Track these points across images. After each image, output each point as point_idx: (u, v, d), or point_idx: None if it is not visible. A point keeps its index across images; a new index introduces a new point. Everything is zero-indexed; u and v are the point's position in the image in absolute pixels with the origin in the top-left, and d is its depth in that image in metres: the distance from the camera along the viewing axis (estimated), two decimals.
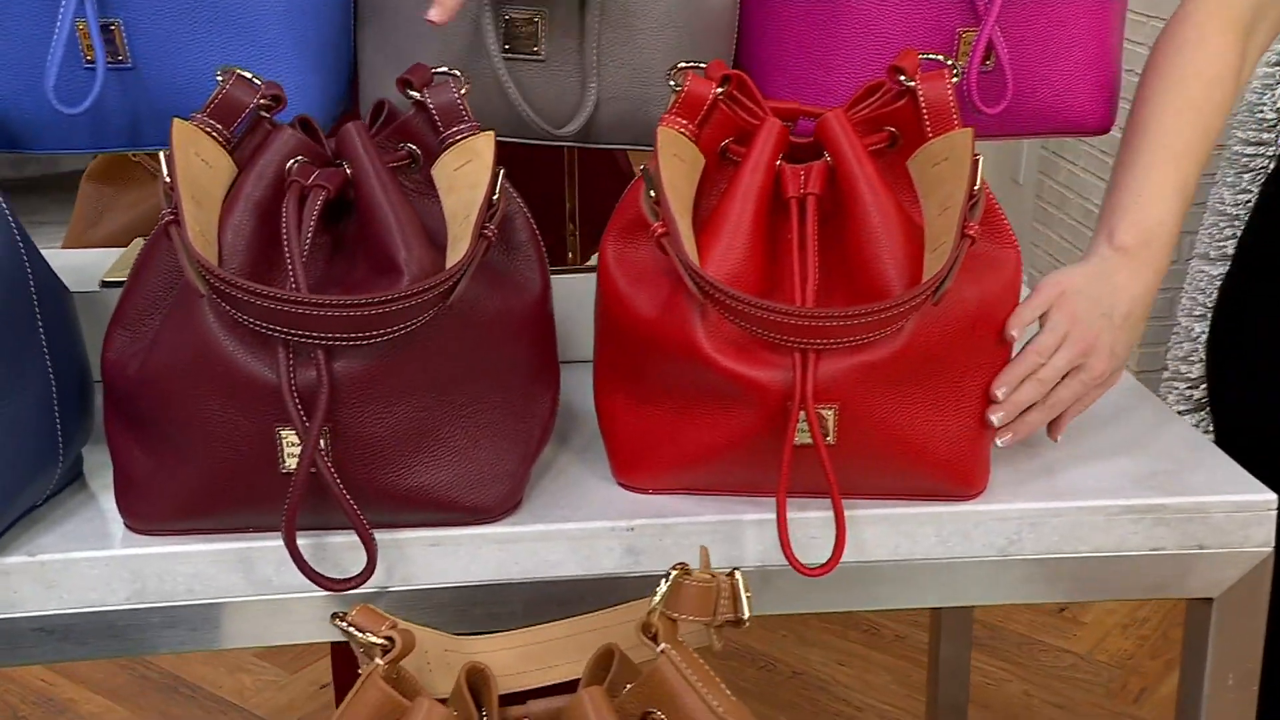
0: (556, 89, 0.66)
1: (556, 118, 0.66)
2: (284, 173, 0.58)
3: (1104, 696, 1.53)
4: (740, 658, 1.61)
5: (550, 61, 0.66)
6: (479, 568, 0.61)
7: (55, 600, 0.58)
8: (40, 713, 1.39)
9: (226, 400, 0.55)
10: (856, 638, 1.60)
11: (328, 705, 1.47)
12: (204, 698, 1.45)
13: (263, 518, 0.58)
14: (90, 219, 0.98)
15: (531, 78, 0.65)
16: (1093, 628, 1.69)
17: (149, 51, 0.63)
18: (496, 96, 0.63)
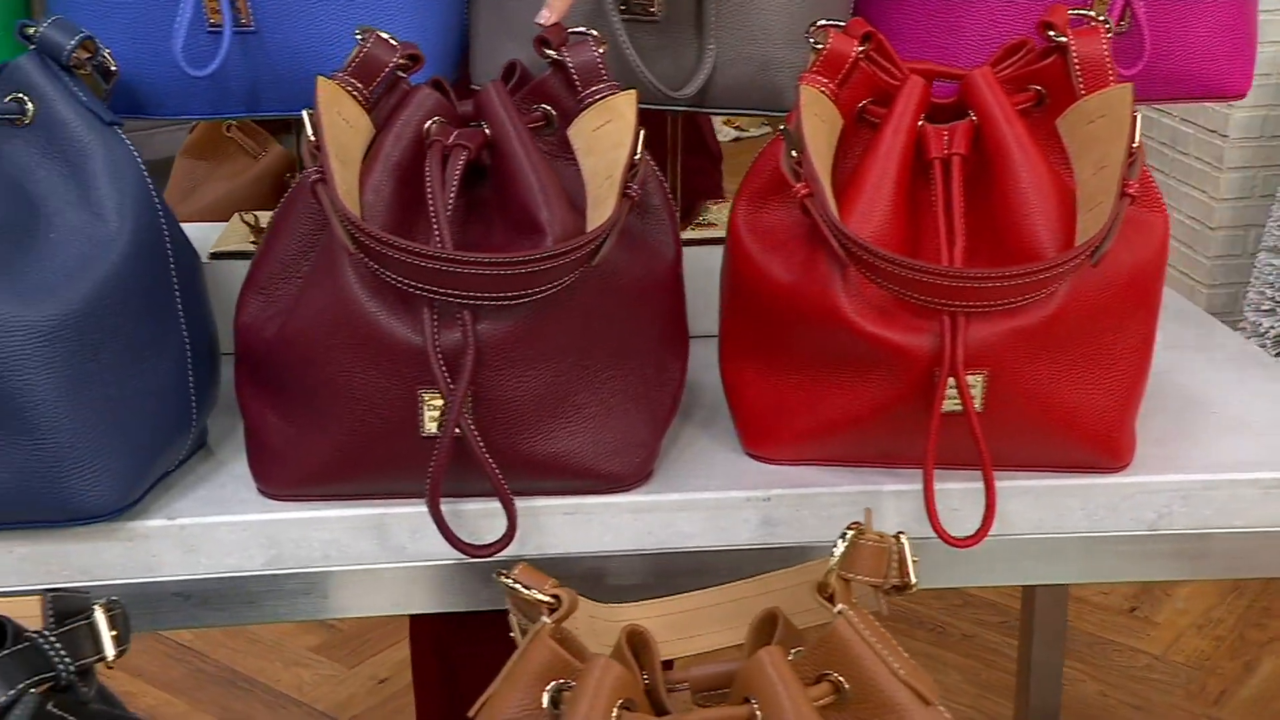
0: (672, 51, 0.65)
1: (671, 81, 0.65)
2: (422, 133, 0.57)
3: (1183, 698, 1.50)
4: None
5: (666, 22, 0.65)
6: (612, 537, 0.60)
7: (194, 565, 0.57)
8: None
9: (368, 363, 0.54)
10: (924, 636, 1.58)
11: (386, 700, 1.46)
12: (262, 691, 1.44)
13: (399, 483, 0.58)
14: (183, 194, 0.98)
15: (646, 39, 0.64)
16: (1166, 628, 1.65)
17: (271, 14, 0.62)
18: (613, 59, 0.62)
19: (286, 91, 0.64)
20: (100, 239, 0.55)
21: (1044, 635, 1.11)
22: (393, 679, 1.54)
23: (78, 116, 0.56)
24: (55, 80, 0.56)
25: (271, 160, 0.95)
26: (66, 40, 0.56)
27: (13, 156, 0.55)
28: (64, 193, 0.55)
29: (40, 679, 0.40)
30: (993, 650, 1.52)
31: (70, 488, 0.53)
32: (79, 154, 0.56)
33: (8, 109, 0.55)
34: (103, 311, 0.54)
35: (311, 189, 0.54)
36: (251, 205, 0.90)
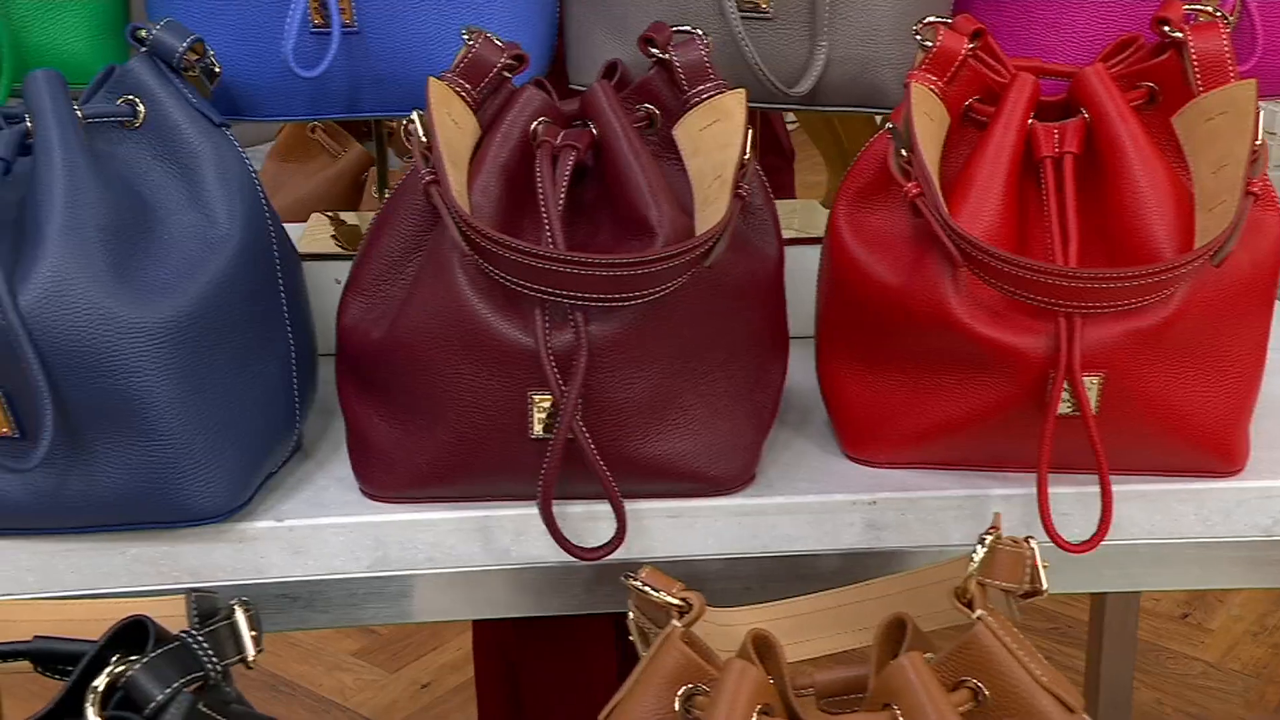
0: (781, 48, 0.64)
1: (782, 78, 0.64)
2: (529, 134, 0.57)
3: (1241, 706, 1.47)
4: None
5: (778, 19, 0.64)
6: (715, 540, 0.59)
7: (300, 567, 0.57)
8: None
9: (478, 364, 0.54)
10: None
11: (428, 706, 1.46)
12: (304, 695, 1.45)
13: (504, 485, 0.57)
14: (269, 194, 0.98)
15: (756, 36, 0.64)
16: (1220, 635, 1.62)
17: (374, 15, 0.62)
18: (725, 57, 0.62)
19: (386, 92, 0.64)
20: (212, 240, 0.55)
21: (1114, 646, 1.09)
22: (434, 684, 1.54)
23: (188, 119, 0.56)
24: (166, 83, 0.56)
25: (350, 161, 0.95)
26: (178, 43, 0.56)
27: (125, 158, 0.55)
28: (175, 194, 0.56)
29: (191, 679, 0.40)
30: (1044, 656, 1.51)
31: (185, 490, 0.53)
32: (190, 156, 0.56)
33: (120, 112, 0.55)
34: (215, 313, 0.54)
35: (425, 190, 0.54)
36: (327, 205, 0.91)
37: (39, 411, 0.50)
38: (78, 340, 0.50)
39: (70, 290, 0.50)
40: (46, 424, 0.49)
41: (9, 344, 0.49)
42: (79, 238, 0.51)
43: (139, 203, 0.55)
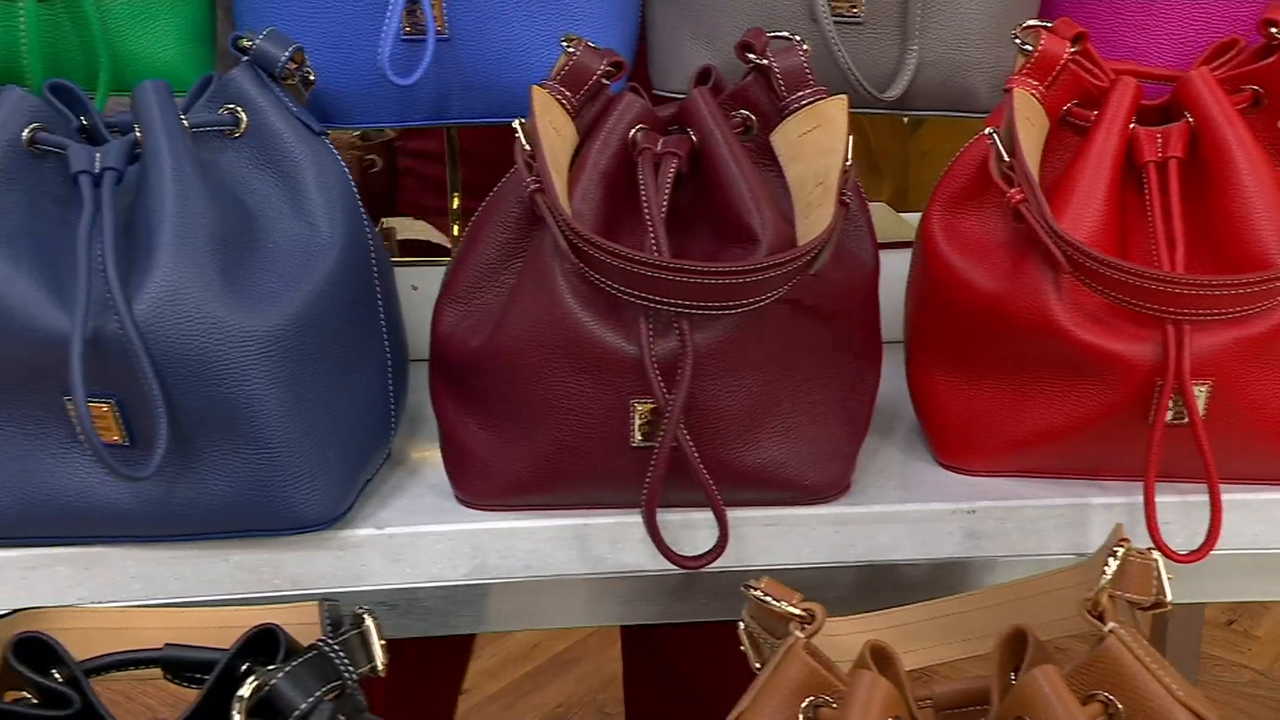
0: (872, 53, 0.64)
1: (873, 83, 0.64)
2: (627, 141, 0.57)
3: None
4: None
5: (869, 24, 0.64)
6: (811, 549, 0.59)
7: (400, 574, 0.57)
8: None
9: (580, 372, 0.54)
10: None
11: (465, 715, 1.45)
12: None
13: (602, 493, 0.57)
14: None
15: (846, 41, 0.64)
16: (1268, 642, 1.60)
17: (465, 23, 0.62)
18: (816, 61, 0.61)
19: (474, 99, 0.64)
20: (314, 248, 0.55)
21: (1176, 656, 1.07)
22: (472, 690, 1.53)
23: (289, 127, 0.56)
24: (267, 92, 0.56)
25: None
26: (280, 52, 0.56)
27: (227, 167, 0.56)
28: (277, 203, 0.56)
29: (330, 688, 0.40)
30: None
31: (290, 498, 0.53)
32: (291, 164, 0.56)
33: (223, 121, 0.56)
34: (319, 321, 0.54)
35: (529, 198, 0.54)
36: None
37: (153, 420, 0.50)
38: (190, 349, 0.51)
39: (183, 299, 0.50)
40: (161, 432, 0.50)
41: (124, 352, 0.50)
42: (190, 247, 0.51)
43: (243, 211, 0.55)
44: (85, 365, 0.48)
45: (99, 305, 0.50)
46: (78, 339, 0.48)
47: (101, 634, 0.46)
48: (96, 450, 0.49)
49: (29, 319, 0.50)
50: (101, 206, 0.50)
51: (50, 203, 0.53)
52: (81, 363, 0.48)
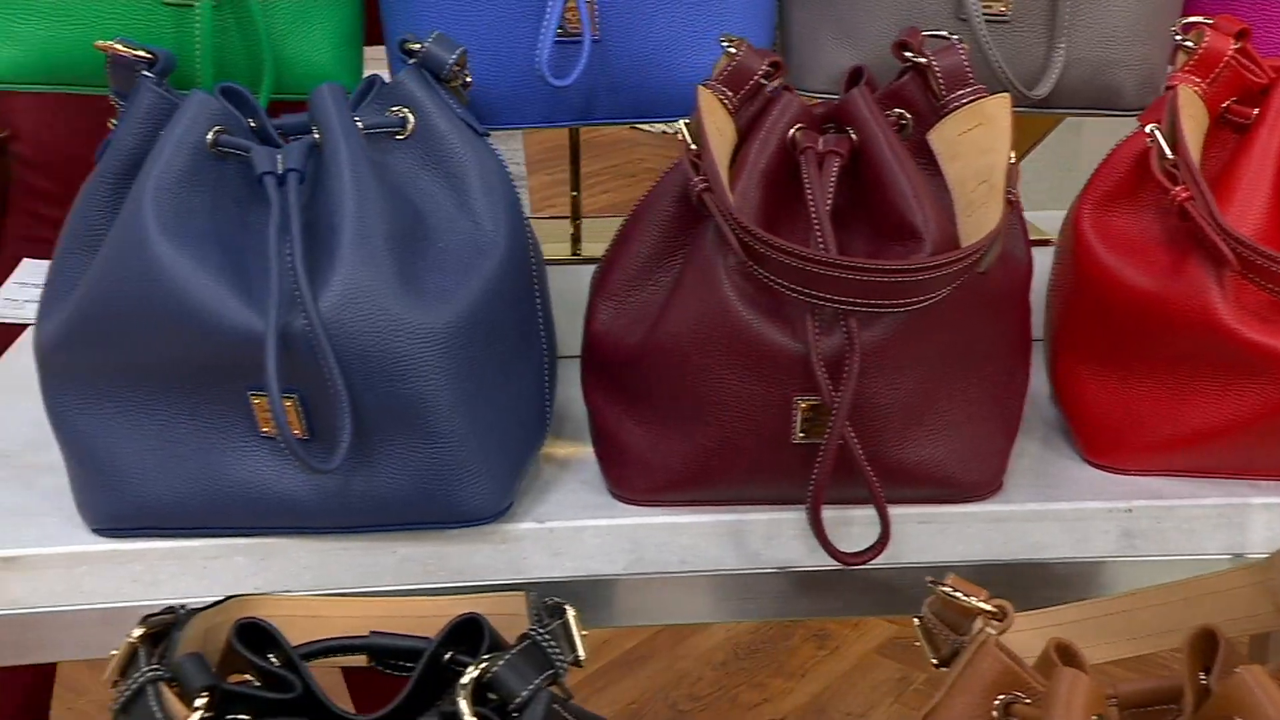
0: (1017, 51, 0.64)
1: (1021, 82, 0.64)
2: (786, 140, 0.57)
3: None
4: None
5: (1016, 22, 0.64)
6: (966, 547, 0.59)
7: (559, 567, 0.58)
8: None
9: (744, 370, 0.55)
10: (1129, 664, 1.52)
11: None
12: None
13: (758, 489, 0.58)
14: None
15: (992, 38, 0.63)
16: None
17: (616, 23, 0.63)
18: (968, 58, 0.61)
19: (621, 99, 0.65)
20: (480, 246, 0.56)
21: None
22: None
23: (454, 129, 0.57)
24: (434, 94, 0.57)
25: None
26: (448, 55, 0.57)
27: (395, 168, 0.57)
28: (443, 202, 0.57)
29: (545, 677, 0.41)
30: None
31: (461, 492, 0.55)
32: (456, 164, 0.57)
33: (391, 122, 0.57)
34: (486, 318, 0.55)
35: (698, 197, 0.54)
36: None
37: (336, 415, 0.51)
38: (369, 345, 0.52)
39: (364, 297, 0.52)
40: (345, 426, 0.51)
41: (309, 349, 0.51)
42: (369, 246, 0.52)
43: (414, 211, 0.56)
44: (280, 363, 0.50)
45: (286, 303, 0.51)
46: (272, 337, 0.50)
47: (301, 621, 0.47)
48: (289, 444, 0.50)
49: (218, 317, 0.51)
50: (289, 207, 0.52)
51: (231, 203, 0.55)
52: (276, 360, 0.50)
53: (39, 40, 0.58)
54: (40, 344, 0.55)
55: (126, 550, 0.55)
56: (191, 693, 0.39)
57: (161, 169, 0.52)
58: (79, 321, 0.54)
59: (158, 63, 0.54)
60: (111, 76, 0.55)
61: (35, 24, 0.57)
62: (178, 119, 0.54)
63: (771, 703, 1.54)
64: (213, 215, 0.54)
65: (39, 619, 0.55)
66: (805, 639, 1.67)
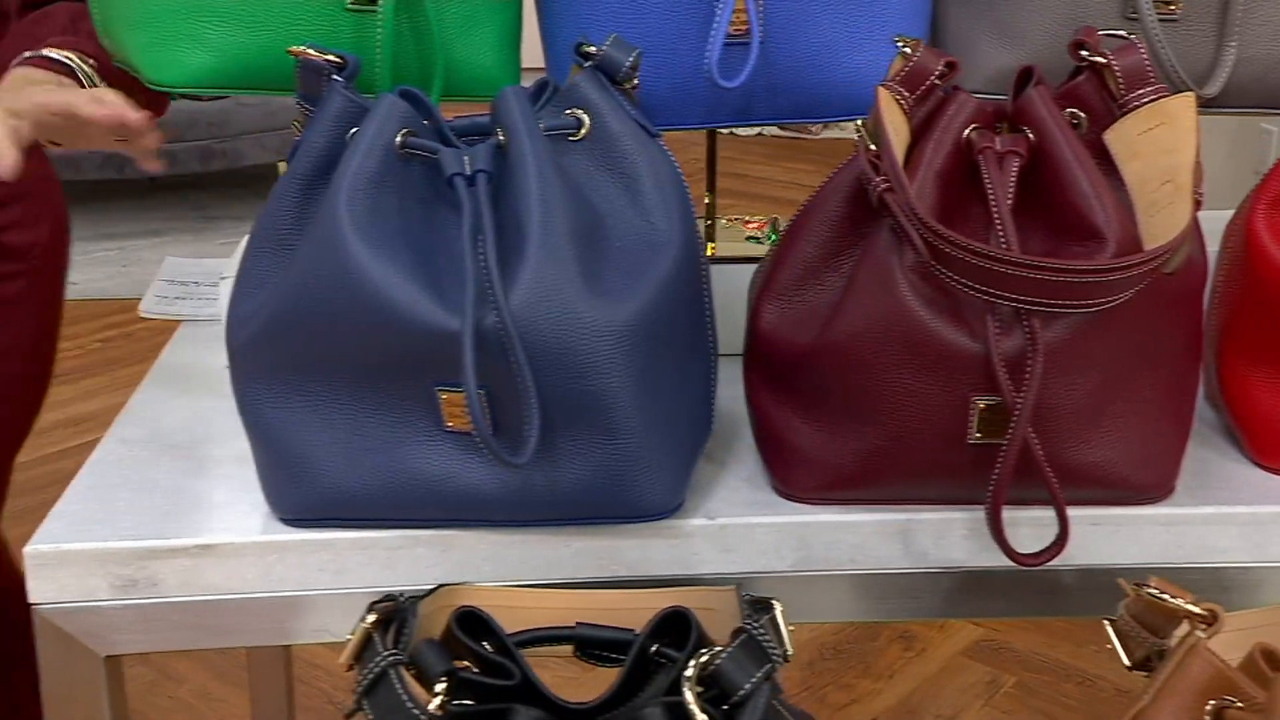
0: (1187, 49, 0.63)
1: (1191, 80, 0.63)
2: (962, 140, 0.57)
3: None
4: (1054, 672, 1.54)
5: (1185, 21, 0.63)
6: (1139, 549, 0.59)
7: (729, 563, 0.59)
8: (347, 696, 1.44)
9: (921, 370, 0.55)
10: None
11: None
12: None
13: (929, 488, 0.58)
14: None
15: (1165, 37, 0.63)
16: None
17: (779, 25, 0.64)
18: None
19: (779, 100, 0.65)
20: (655, 245, 0.57)
21: None
22: None
23: (628, 130, 0.58)
24: (609, 96, 0.58)
25: None
26: (624, 58, 0.58)
27: (572, 169, 0.58)
28: (618, 202, 0.58)
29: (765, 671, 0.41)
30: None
31: (639, 487, 0.56)
32: (630, 165, 0.58)
33: (568, 124, 0.58)
34: (662, 315, 0.56)
35: (879, 197, 0.55)
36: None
37: (525, 410, 0.52)
38: (555, 342, 0.53)
39: (550, 295, 0.53)
40: (534, 422, 0.52)
41: (498, 346, 0.52)
42: (554, 245, 0.54)
43: (592, 210, 0.57)
44: (476, 359, 0.51)
45: (478, 301, 0.52)
46: (469, 335, 0.51)
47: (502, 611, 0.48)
48: (485, 439, 0.52)
49: (411, 315, 0.53)
50: (481, 207, 0.53)
51: (416, 203, 0.56)
52: (473, 357, 0.51)
53: (229, 46, 0.60)
54: (232, 340, 0.57)
55: (315, 540, 0.57)
56: (432, 677, 0.40)
57: (354, 170, 0.54)
58: (272, 318, 0.56)
59: (347, 67, 0.56)
60: (300, 81, 0.57)
61: (226, 30, 0.59)
62: (369, 121, 0.55)
63: (860, 703, 1.53)
64: (400, 215, 0.55)
65: (233, 604, 0.57)
66: (891, 640, 1.66)
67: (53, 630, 0.55)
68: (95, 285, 2.75)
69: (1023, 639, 1.60)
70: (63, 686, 0.56)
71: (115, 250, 2.92)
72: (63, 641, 0.56)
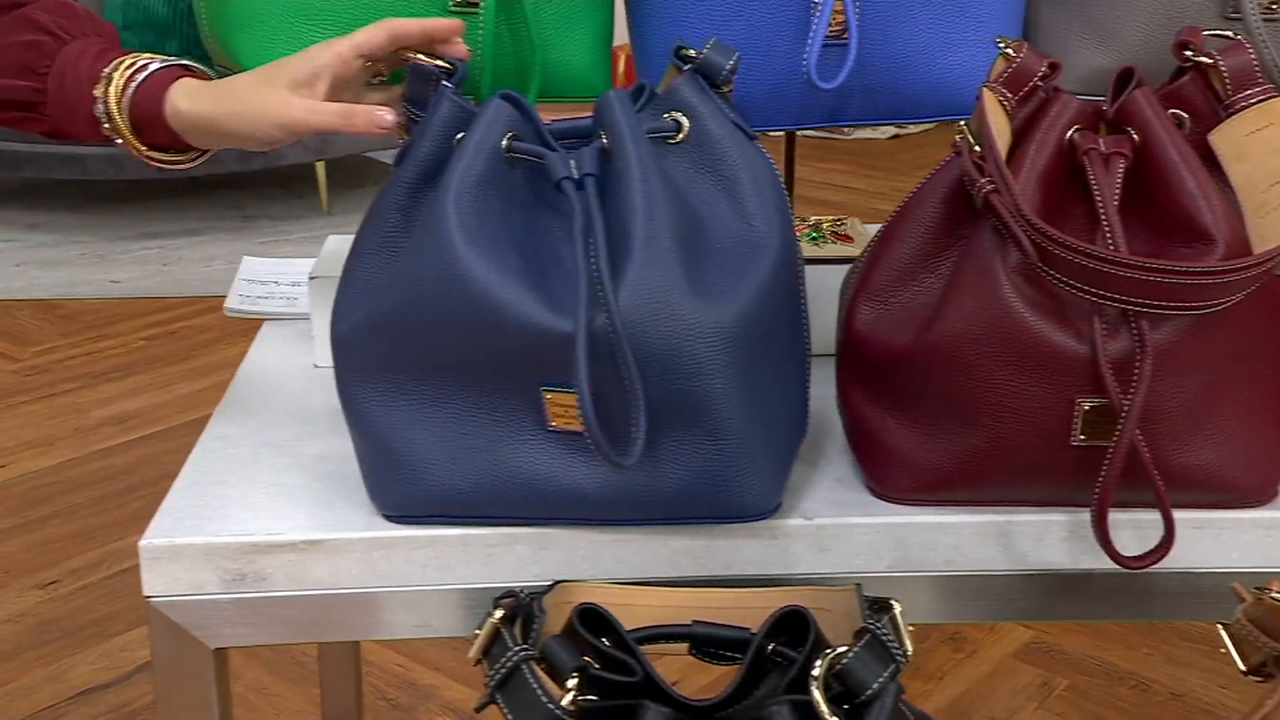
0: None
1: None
2: (1064, 142, 0.57)
3: None
4: (1107, 675, 1.52)
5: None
6: (1241, 553, 0.58)
7: (825, 563, 0.59)
8: (408, 697, 1.45)
9: (1024, 371, 0.55)
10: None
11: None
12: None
13: (1029, 490, 0.58)
14: None
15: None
16: None
17: (876, 26, 0.64)
18: None
19: (872, 102, 0.65)
20: (754, 247, 0.57)
21: None
22: None
23: (727, 133, 0.58)
24: (708, 99, 0.59)
25: None
26: (725, 61, 0.58)
27: (671, 171, 0.58)
28: (716, 204, 0.58)
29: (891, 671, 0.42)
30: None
31: (739, 489, 0.56)
32: (729, 167, 0.58)
33: (666, 127, 0.58)
34: (762, 317, 0.56)
35: (985, 199, 0.55)
36: None
37: (633, 412, 0.53)
38: (660, 343, 0.53)
39: (655, 296, 0.53)
40: (640, 423, 0.52)
41: (609, 346, 0.53)
42: (658, 246, 0.54)
43: (692, 213, 0.57)
44: (589, 361, 0.51)
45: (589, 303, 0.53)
46: (582, 335, 0.51)
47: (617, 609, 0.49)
48: (596, 440, 0.52)
49: (520, 318, 0.53)
50: (592, 211, 0.53)
51: (519, 206, 0.57)
52: (586, 359, 0.51)
53: None
54: (338, 340, 0.58)
55: (419, 536, 0.58)
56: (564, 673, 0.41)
57: (461, 174, 0.55)
58: (378, 319, 0.56)
59: (456, 73, 0.57)
60: (409, 85, 0.57)
61: (331, 33, 0.60)
62: (476, 125, 0.56)
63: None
64: (503, 218, 0.56)
65: (337, 599, 0.58)
66: (940, 641, 1.65)
67: (165, 622, 0.57)
68: (136, 284, 2.78)
69: (1074, 641, 1.59)
70: (173, 678, 0.57)
71: (155, 249, 2.96)
72: (174, 634, 0.57)
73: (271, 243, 3.01)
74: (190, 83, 0.58)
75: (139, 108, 0.57)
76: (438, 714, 1.44)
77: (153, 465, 1.86)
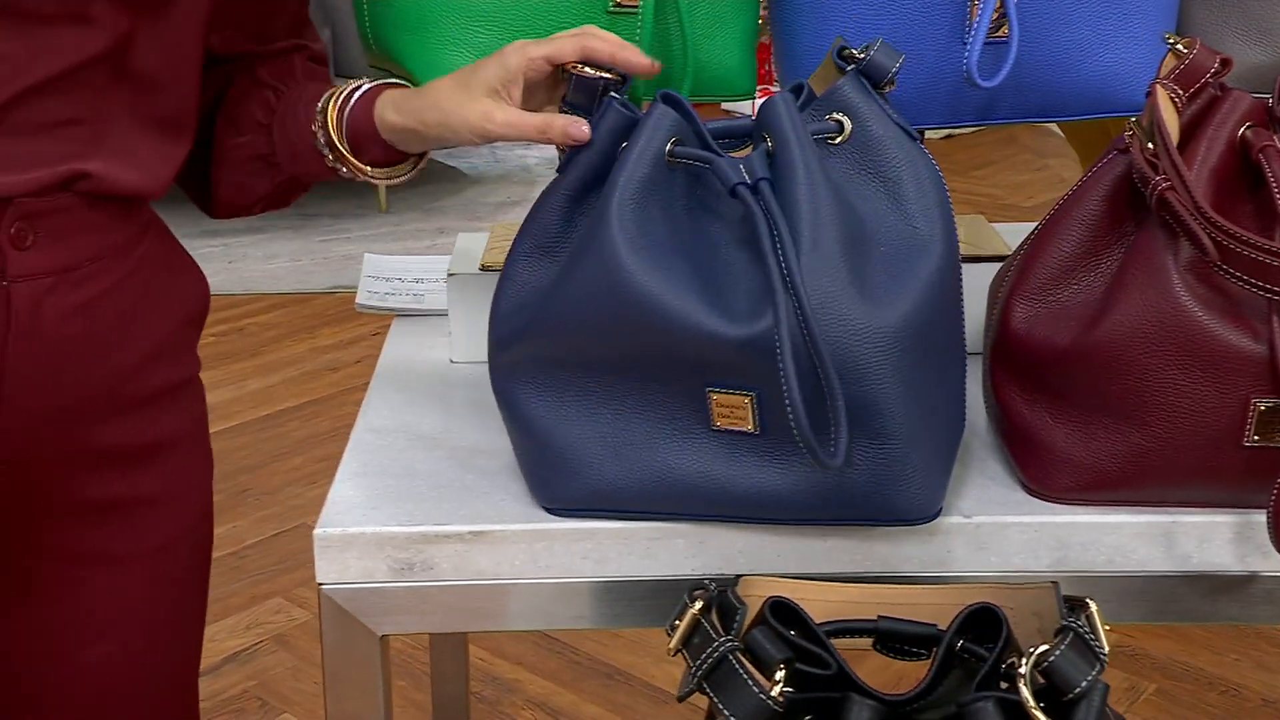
0: None
1: None
2: (1235, 139, 0.56)
3: None
4: (1195, 680, 1.49)
5: None
6: None
7: (983, 562, 0.59)
8: (492, 691, 1.46)
9: (1196, 371, 0.54)
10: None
11: None
12: (639, 685, 1.45)
13: (1195, 490, 0.57)
14: None
15: None
16: None
17: (1033, 24, 0.63)
18: None
19: (1026, 99, 0.65)
20: (918, 248, 0.57)
21: None
22: None
23: (889, 134, 0.58)
24: (871, 100, 0.59)
25: None
26: (891, 63, 0.58)
27: (833, 173, 0.58)
28: (879, 205, 0.58)
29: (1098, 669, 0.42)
30: None
31: (904, 491, 0.56)
32: (891, 168, 0.58)
33: (828, 129, 0.58)
34: (926, 318, 0.56)
35: (1159, 197, 0.54)
36: None
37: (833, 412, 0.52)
38: (828, 347, 0.53)
39: (822, 300, 0.53)
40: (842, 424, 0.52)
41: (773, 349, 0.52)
42: (825, 249, 0.54)
43: (856, 215, 0.57)
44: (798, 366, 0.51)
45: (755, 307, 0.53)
46: (785, 340, 0.51)
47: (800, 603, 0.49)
48: (807, 442, 0.51)
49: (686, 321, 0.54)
50: (774, 214, 0.53)
51: (681, 210, 0.57)
52: (794, 362, 0.51)
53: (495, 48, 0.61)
54: (498, 340, 0.59)
55: (580, 529, 0.59)
56: (770, 664, 0.41)
57: (625, 180, 0.55)
58: (543, 320, 0.57)
59: (625, 84, 0.57)
60: (573, 93, 0.58)
61: (495, 34, 0.61)
62: (641, 130, 0.56)
63: None
64: (665, 222, 0.57)
65: (500, 589, 0.59)
66: None
67: (335, 609, 0.58)
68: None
69: (1159, 646, 1.56)
70: (342, 664, 0.59)
71: (220, 247, 3.00)
72: (343, 621, 0.58)
73: (331, 240, 3.04)
74: (394, 94, 0.61)
75: (354, 128, 0.61)
76: (521, 708, 1.45)
77: (229, 460, 1.89)
